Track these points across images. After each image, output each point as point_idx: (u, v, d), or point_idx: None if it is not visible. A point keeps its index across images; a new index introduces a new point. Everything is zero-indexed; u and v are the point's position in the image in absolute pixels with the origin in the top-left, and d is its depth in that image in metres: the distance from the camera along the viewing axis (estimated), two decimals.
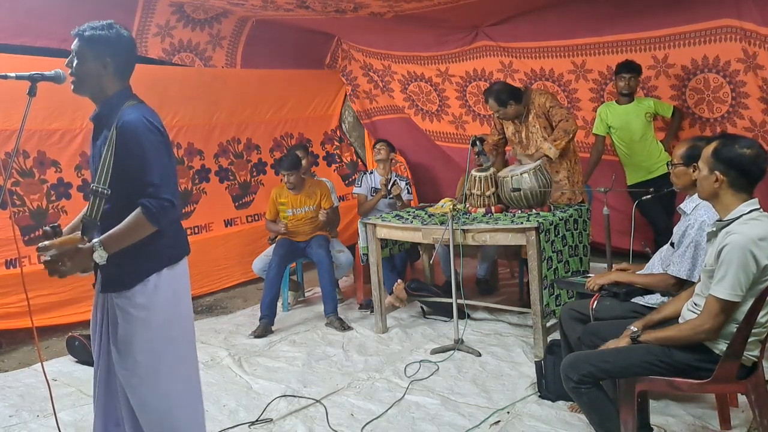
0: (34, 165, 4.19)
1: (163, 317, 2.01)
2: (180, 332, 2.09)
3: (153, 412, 2.02)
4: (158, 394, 2.02)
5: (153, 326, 1.99)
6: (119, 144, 1.91)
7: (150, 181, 1.89)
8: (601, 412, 2.23)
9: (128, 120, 1.92)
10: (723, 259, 2.00)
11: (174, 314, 2.05)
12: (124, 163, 1.91)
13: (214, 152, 5.28)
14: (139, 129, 1.91)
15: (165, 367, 2.02)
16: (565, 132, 3.93)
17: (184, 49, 5.09)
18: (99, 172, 1.92)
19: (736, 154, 2.03)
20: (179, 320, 2.08)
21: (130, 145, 1.90)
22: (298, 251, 4.53)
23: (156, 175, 1.90)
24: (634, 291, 2.67)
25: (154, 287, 1.98)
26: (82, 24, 1.99)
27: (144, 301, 1.97)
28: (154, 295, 1.98)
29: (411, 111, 6.11)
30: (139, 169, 1.90)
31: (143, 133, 1.91)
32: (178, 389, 2.07)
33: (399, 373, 3.35)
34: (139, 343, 1.98)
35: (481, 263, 4.74)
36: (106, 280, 2.00)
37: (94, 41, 1.95)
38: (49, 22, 4.19)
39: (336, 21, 5.10)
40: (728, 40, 4.09)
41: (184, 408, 2.10)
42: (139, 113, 1.95)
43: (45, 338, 4.10)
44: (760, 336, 2.10)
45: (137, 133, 1.90)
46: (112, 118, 1.95)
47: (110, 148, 1.91)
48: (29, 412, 3.08)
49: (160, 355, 2.01)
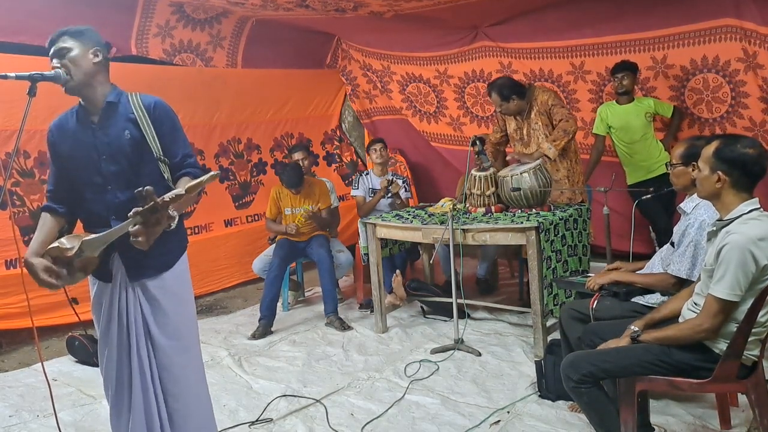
0: (34, 165, 4.19)
1: (190, 295, 2.17)
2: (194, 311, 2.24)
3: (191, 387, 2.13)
4: (192, 370, 2.15)
5: (188, 303, 2.16)
6: (154, 121, 2.03)
7: (188, 153, 2.07)
8: (602, 412, 2.23)
9: (158, 101, 2.07)
10: (722, 258, 2.00)
11: (191, 291, 2.21)
12: (161, 140, 2.03)
13: (214, 152, 5.28)
14: (169, 108, 2.09)
15: (195, 341, 2.18)
16: (565, 132, 3.93)
17: (185, 50, 5.10)
18: (153, 146, 2.01)
19: (740, 153, 2.03)
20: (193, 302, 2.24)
21: (166, 123, 2.05)
22: (298, 251, 4.53)
23: (190, 148, 2.10)
24: (634, 290, 2.67)
25: (183, 267, 2.13)
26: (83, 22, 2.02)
27: (180, 280, 2.11)
28: (185, 274, 2.14)
29: (409, 112, 6.11)
30: (174, 143, 2.05)
31: (172, 111, 2.10)
32: (201, 366, 2.22)
33: (399, 372, 3.35)
34: (183, 321, 2.11)
35: (481, 263, 4.74)
36: (139, 267, 2.03)
37: (78, 34, 2.02)
38: (48, 21, 4.17)
39: (336, 20, 5.10)
40: (728, 40, 4.09)
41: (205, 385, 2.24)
42: (157, 97, 2.10)
43: (45, 338, 4.10)
44: (760, 335, 2.10)
45: (168, 112, 2.08)
46: (123, 105, 2.04)
47: (146, 126, 2.01)
48: (29, 412, 3.08)
49: (193, 332, 2.18)
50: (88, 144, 2.05)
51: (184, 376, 2.10)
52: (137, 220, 1.71)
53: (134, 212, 1.71)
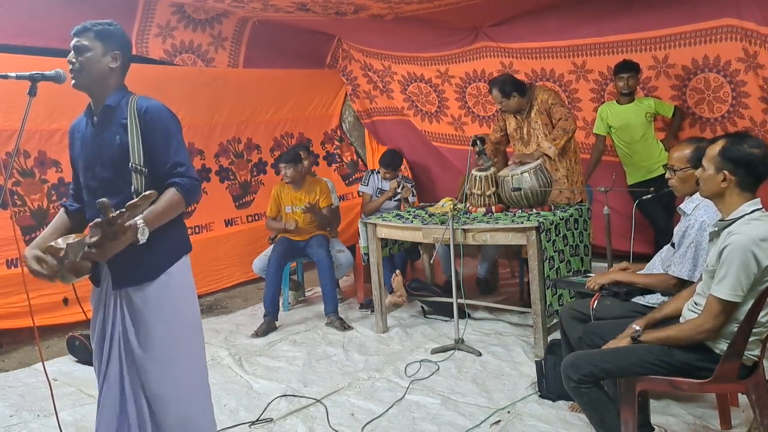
0: (35, 165, 4.19)
1: (182, 306, 2.06)
2: (195, 321, 2.14)
3: (171, 403, 2.02)
4: (176, 385, 2.03)
5: (180, 316, 2.04)
6: (145, 129, 1.96)
7: (180, 161, 1.97)
8: (602, 412, 2.23)
9: (152, 106, 1.99)
10: (724, 259, 2.00)
11: (190, 303, 2.10)
12: (150, 147, 1.97)
13: (214, 152, 5.28)
14: (165, 114, 2.00)
15: (182, 357, 2.05)
16: (564, 131, 3.93)
17: (186, 51, 5.10)
18: (132, 153, 1.95)
19: (746, 153, 2.03)
20: (195, 309, 2.14)
21: (157, 128, 1.97)
22: (297, 250, 4.53)
23: (183, 156, 2.00)
24: (634, 291, 2.67)
25: (174, 276, 2.02)
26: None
27: (166, 290, 2.00)
28: (175, 284, 2.03)
29: (410, 112, 6.11)
30: (166, 151, 1.97)
31: (168, 117, 2.01)
32: (193, 380, 2.10)
33: (399, 372, 3.35)
34: (168, 335, 2.00)
35: (482, 263, 4.74)
36: (122, 275, 1.98)
37: (103, 35, 1.98)
38: (49, 23, 4.19)
39: (336, 22, 5.10)
40: (729, 40, 4.09)
41: (199, 399, 2.12)
42: (157, 101, 2.03)
43: (46, 338, 4.10)
44: (761, 335, 2.10)
45: (163, 118, 1.99)
46: (121, 109, 1.99)
47: (134, 132, 1.95)
48: (30, 412, 3.08)
49: (180, 345, 2.04)
50: (90, 146, 2.05)
51: (164, 392, 2.00)
52: (95, 232, 1.74)
53: (94, 223, 1.74)
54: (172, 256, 2.03)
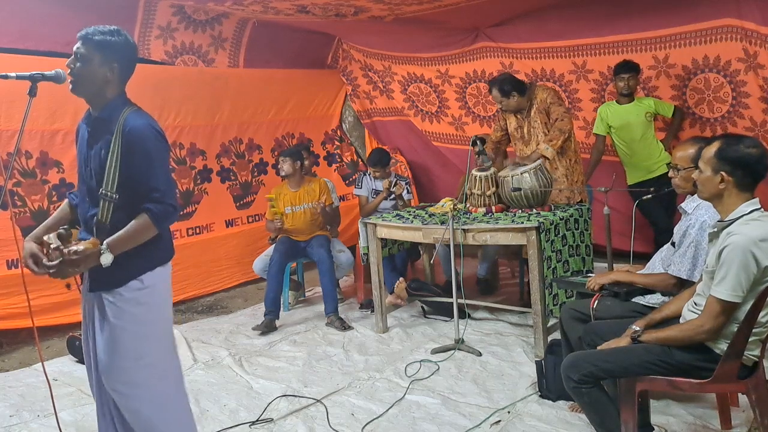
0: (36, 165, 4.19)
1: (154, 315, 2.03)
2: (166, 332, 2.11)
3: (143, 413, 2.01)
4: (141, 393, 2.01)
5: (149, 324, 2.01)
6: (125, 149, 1.93)
7: (156, 187, 1.94)
8: (602, 412, 2.23)
9: (136, 126, 1.95)
10: (724, 259, 2.00)
11: (162, 314, 2.07)
12: (128, 168, 1.94)
13: (216, 152, 5.28)
14: (147, 136, 1.95)
15: (147, 365, 2.01)
16: (560, 131, 3.93)
17: (187, 52, 5.10)
18: (106, 177, 1.93)
19: (743, 153, 2.02)
20: (166, 321, 2.11)
21: (137, 150, 1.93)
22: (298, 250, 4.54)
23: (162, 181, 1.96)
24: (634, 290, 2.67)
25: (147, 285, 2.00)
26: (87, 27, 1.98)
27: (137, 297, 1.98)
28: (147, 292, 2.00)
29: (411, 112, 6.11)
30: (144, 175, 1.94)
31: (150, 140, 1.95)
32: (160, 389, 2.06)
33: (399, 372, 3.35)
34: (128, 341, 1.97)
35: (482, 263, 4.73)
36: (96, 279, 1.98)
37: (103, 46, 1.95)
38: (51, 26, 4.19)
39: (336, 23, 5.10)
40: (729, 40, 4.09)
41: (173, 411, 2.10)
42: (145, 120, 1.98)
43: (46, 338, 4.10)
44: (761, 336, 2.10)
45: (144, 140, 1.94)
46: (112, 123, 1.96)
47: (115, 152, 1.93)
48: (30, 412, 3.08)
49: (146, 352, 2.01)
50: (84, 152, 2.06)
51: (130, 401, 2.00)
52: (55, 255, 1.81)
53: (53, 248, 1.81)
54: (146, 265, 2.00)
